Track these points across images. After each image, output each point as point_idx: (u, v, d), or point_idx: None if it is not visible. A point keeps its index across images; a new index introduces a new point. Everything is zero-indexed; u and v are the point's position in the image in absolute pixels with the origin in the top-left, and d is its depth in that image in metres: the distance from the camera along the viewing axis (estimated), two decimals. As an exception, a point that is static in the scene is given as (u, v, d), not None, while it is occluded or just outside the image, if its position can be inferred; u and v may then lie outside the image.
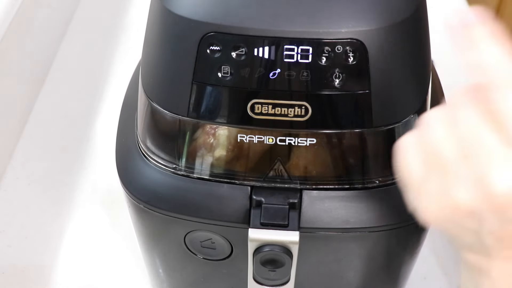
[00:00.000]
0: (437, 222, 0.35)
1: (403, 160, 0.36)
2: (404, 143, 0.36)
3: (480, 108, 0.32)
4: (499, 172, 0.31)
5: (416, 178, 0.36)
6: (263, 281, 0.52)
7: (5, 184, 0.78)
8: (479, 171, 0.32)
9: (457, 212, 0.33)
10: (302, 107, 0.43)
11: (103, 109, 0.89)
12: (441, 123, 0.34)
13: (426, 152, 0.34)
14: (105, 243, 0.71)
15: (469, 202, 0.32)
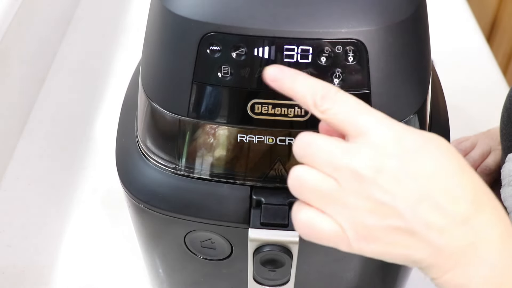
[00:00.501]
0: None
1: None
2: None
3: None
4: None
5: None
6: (263, 281, 0.52)
7: (5, 184, 0.78)
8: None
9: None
10: (302, 107, 0.43)
11: (103, 109, 0.89)
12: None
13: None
14: (105, 243, 0.71)
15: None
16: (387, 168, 0.34)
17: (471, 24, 1.08)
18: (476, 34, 1.06)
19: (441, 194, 0.35)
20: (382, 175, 0.34)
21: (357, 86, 0.42)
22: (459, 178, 0.35)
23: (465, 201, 0.35)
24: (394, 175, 0.34)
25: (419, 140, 0.35)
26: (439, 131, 0.52)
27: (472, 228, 0.35)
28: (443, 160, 0.35)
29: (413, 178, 0.34)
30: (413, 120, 0.46)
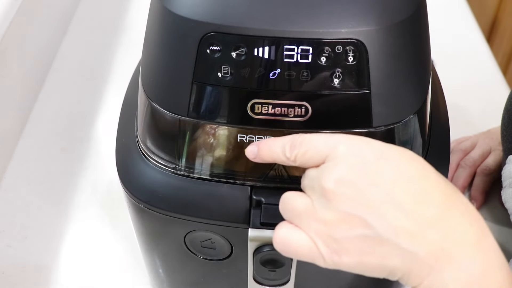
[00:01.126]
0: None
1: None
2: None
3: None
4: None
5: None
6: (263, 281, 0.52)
7: (5, 184, 0.78)
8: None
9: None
10: (302, 107, 0.43)
11: (103, 109, 0.89)
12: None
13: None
14: (105, 243, 0.71)
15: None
16: (349, 180, 0.36)
17: (471, 24, 1.08)
18: (476, 34, 1.06)
19: (405, 199, 0.35)
20: (345, 187, 0.36)
21: (357, 86, 0.42)
22: (423, 182, 0.36)
23: (431, 205, 0.35)
24: (357, 185, 0.36)
25: (378, 150, 0.37)
26: (439, 131, 0.52)
27: (442, 231, 0.35)
28: (405, 166, 0.36)
29: (375, 186, 0.35)
30: (413, 120, 0.46)
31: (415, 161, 0.37)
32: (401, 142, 0.46)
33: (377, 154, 0.36)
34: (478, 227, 0.36)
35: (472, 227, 0.36)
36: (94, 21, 1.07)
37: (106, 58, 0.98)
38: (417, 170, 0.36)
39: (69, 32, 1.04)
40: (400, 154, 0.37)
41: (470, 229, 0.36)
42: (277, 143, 0.41)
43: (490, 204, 0.75)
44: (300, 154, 0.39)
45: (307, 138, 0.39)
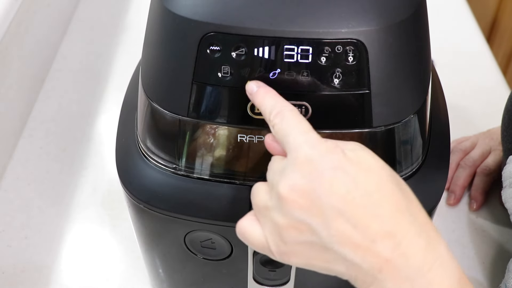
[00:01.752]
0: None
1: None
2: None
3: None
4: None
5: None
6: (263, 281, 0.52)
7: (5, 184, 0.78)
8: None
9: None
10: (302, 107, 0.43)
11: (103, 109, 0.89)
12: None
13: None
14: (105, 243, 0.71)
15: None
16: (301, 188, 0.36)
17: (471, 24, 1.08)
18: (476, 34, 1.06)
19: (355, 211, 0.36)
20: (297, 195, 0.36)
21: (357, 86, 0.42)
22: (376, 195, 0.36)
23: (380, 219, 0.36)
24: (308, 195, 0.36)
25: (337, 160, 0.37)
26: (439, 131, 0.52)
27: (388, 245, 0.36)
28: (361, 178, 0.36)
29: (327, 196, 0.36)
30: (413, 120, 0.46)
31: (373, 172, 0.37)
32: (401, 142, 0.46)
33: (334, 164, 0.36)
34: (427, 238, 0.37)
35: (420, 238, 0.36)
36: (94, 21, 1.07)
37: (106, 58, 0.98)
38: (373, 182, 0.36)
39: (69, 32, 1.04)
40: (359, 164, 0.37)
41: (418, 241, 0.36)
42: (273, 99, 0.40)
43: (490, 204, 0.75)
44: (277, 128, 0.39)
45: (290, 118, 0.39)
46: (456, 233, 0.72)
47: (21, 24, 0.82)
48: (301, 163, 0.37)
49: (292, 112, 0.39)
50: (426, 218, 0.38)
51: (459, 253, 0.70)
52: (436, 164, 0.49)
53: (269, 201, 0.38)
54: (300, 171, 0.37)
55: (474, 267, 0.68)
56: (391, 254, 0.36)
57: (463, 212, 0.75)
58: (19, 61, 0.83)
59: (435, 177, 0.49)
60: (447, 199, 0.75)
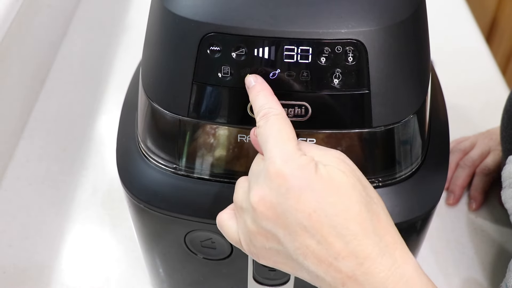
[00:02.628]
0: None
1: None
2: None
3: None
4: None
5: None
6: (263, 280, 0.52)
7: (5, 184, 0.78)
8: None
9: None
10: (302, 107, 0.43)
11: (103, 109, 0.89)
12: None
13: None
14: (105, 243, 0.71)
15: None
16: (270, 201, 0.37)
17: (471, 24, 1.08)
18: (475, 34, 1.06)
19: (320, 229, 0.36)
20: (265, 207, 0.37)
21: (357, 86, 0.42)
22: (342, 214, 0.37)
23: (344, 238, 0.36)
24: (275, 209, 0.37)
25: (307, 177, 0.37)
26: (438, 131, 0.52)
27: (351, 263, 0.36)
28: (328, 197, 0.37)
29: (292, 212, 0.37)
30: (413, 120, 0.46)
31: (342, 192, 0.37)
32: (400, 142, 0.46)
33: (303, 182, 0.37)
34: (391, 258, 0.37)
35: (384, 258, 0.37)
36: (94, 21, 1.07)
37: (106, 58, 0.98)
38: (340, 203, 0.37)
39: (69, 32, 1.04)
40: (329, 182, 0.37)
41: (382, 261, 0.37)
42: (266, 98, 0.41)
43: (489, 204, 0.75)
44: (260, 130, 0.40)
45: (274, 123, 0.39)
46: (456, 233, 0.72)
47: (21, 25, 0.82)
48: (272, 176, 0.37)
49: (277, 117, 0.39)
50: (394, 237, 0.38)
51: (459, 253, 0.70)
52: (435, 164, 0.50)
53: (244, 203, 0.40)
54: (270, 183, 0.37)
55: (474, 267, 0.69)
56: (354, 272, 0.36)
57: (463, 212, 0.75)
58: (19, 61, 0.83)
59: (435, 177, 0.49)
60: (446, 199, 0.76)
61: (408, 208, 0.47)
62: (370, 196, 0.38)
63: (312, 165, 0.38)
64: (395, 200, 0.47)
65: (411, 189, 0.48)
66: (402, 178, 0.47)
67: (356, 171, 0.39)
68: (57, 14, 1.00)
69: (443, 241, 0.71)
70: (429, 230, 0.52)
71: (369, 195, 0.38)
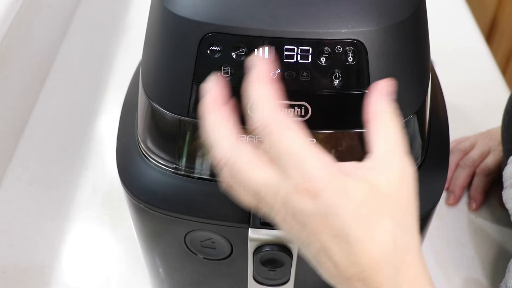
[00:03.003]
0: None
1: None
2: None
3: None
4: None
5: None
6: (263, 281, 0.52)
7: (5, 184, 0.78)
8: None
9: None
10: (302, 107, 0.43)
11: (103, 109, 0.89)
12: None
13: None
14: (105, 243, 0.71)
15: None
16: (299, 210, 0.36)
17: (471, 24, 1.08)
18: (475, 34, 1.06)
19: (338, 254, 0.36)
20: (292, 213, 0.36)
21: (357, 86, 0.42)
22: (362, 245, 0.35)
23: (359, 267, 0.36)
24: (301, 219, 0.36)
25: (336, 198, 0.35)
26: (438, 131, 0.52)
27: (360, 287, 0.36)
28: (354, 223, 0.35)
29: (315, 232, 0.36)
30: (413, 120, 0.46)
31: (370, 218, 0.36)
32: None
33: (331, 206, 0.35)
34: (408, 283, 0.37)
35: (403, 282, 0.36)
36: (94, 21, 1.07)
37: (106, 58, 0.98)
38: (366, 229, 0.35)
39: (69, 32, 1.04)
40: (358, 207, 0.35)
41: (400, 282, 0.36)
42: (258, 91, 0.38)
43: (489, 204, 0.75)
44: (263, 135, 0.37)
45: (282, 145, 0.36)
46: (456, 233, 0.72)
47: (21, 25, 0.82)
48: (298, 190, 0.35)
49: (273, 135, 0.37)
50: (416, 273, 0.37)
51: (459, 253, 0.70)
52: (435, 164, 0.50)
53: (275, 179, 0.36)
54: (299, 193, 0.35)
55: (474, 267, 0.69)
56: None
57: (463, 212, 0.75)
58: (19, 61, 0.83)
59: (435, 177, 0.49)
60: (446, 199, 0.76)
61: (408, 208, 0.47)
62: (405, 226, 0.37)
63: (348, 182, 0.36)
64: (395, 200, 0.47)
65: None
66: (402, 178, 0.47)
67: (406, 192, 0.37)
68: (57, 14, 1.00)
69: (443, 241, 0.71)
70: (429, 230, 0.52)
71: (404, 224, 0.36)
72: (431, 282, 0.37)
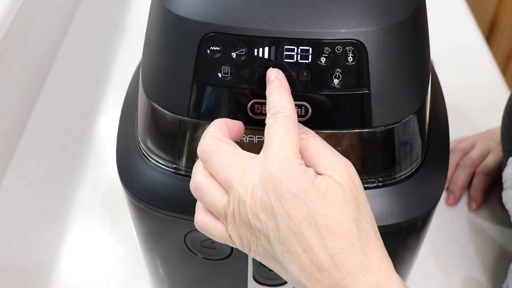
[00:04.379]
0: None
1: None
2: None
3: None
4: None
5: None
6: (263, 280, 0.52)
7: (5, 184, 0.78)
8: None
9: None
10: (302, 107, 0.43)
11: (103, 109, 0.89)
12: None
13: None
14: (105, 243, 0.71)
15: None
16: (264, 201, 0.37)
17: (471, 24, 1.08)
18: (475, 34, 1.06)
19: (307, 239, 0.37)
20: (260, 205, 0.37)
21: (357, 86, 0.42)
22: (330, 229, 0.37)
23: (329, 252, 0.37)
24: (268, 209, 0.37)
25: (302, 188, 0.37)
26: (438, 131, 0.52)
27: (331, 278, 0.37)
28: (321, 210, 0.37)
29: (282, 217, 0.37)
30: (413, 120, 0.46)
31: (335, 206, 0.37)
32: (400, 142, 0.46)
33: (297, 191, 0.37)
34: (375, 276, 0.37)
35: (367, 275, 0.37)
36: (94, 21, 1.07)
37: (106, 58, 0.98)
38: (331, 216, 0.37)
39: (69, 32, 1.04)
40: (325, 195, 0.37)
41: (363, 278, 0.37)
42: (280, 96, 0.40)
43: (489, 204, 0.75)
44: (265, 128, 0.40)
45: (280, 125, 0.39)
46: (456, 232, 0.72)
47: (21, 25, 0.82)
48: (270, 177, 0.37)
49: (285, 119, 0.39)
50: (381, 257, 0.38)
51: (459, 253, 0.70)
52: (435, 164, 0.50)
53: (227, 205, 0.39)
54: (266, 184, 0.37)
55: (474, 267, 0.69)
56: (335, 285, 0.37)
57: (463, 212, 0.75)
58: (19, 61, 0.83)
59: (435, 177, 0.49)
60: (446, 199, 0.76)
61: (408, 208, 0.47)
62: (362, 215, 0.38)
63: (311, 175, 0.38)
64: (395, 200, 0.47)
65: (411, 189, 0.48)
66: (402, 178, 0.48)
67: (358, 186, 0.39)
68: (57, 14, 1.00)
69: (443, 241, 0.71)
70: (429, 230, 0.52)
71: (362, 213, 0.38)
72: (392, 265, 0.39)
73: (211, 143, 0.40)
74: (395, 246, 0.51)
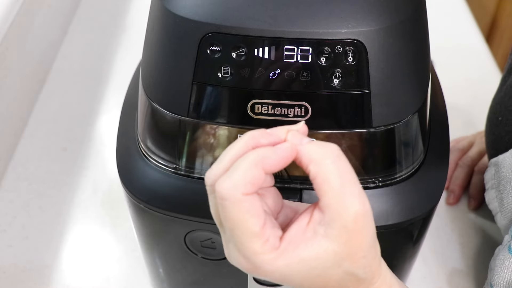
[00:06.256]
0: None
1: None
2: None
3: None
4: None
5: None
6: (263, 281, 0.52)
7: (6, 184, 0.78)
8: None
9: None
10: (302, 107, 0.43)
11: (103, 109, 0.89)
12: None
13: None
14: (105, 243, 0.71)
15: None
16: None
17: (471, 24, 1.08)
18: (475, 34, 1.06)
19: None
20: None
21: (357, 86, 0.42)
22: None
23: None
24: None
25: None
26: (438, 131, 0.52)
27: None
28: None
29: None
30: (413, 120, 0.46)
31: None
32: (400, 142, 0.46)
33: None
34: None
35: None
36: (94, 21, 1.07)
37: (106, 58, 0.98)
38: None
39: (70, 32, 1.04)
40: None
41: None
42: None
43: (489, 204, 0.75)
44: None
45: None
46: (456, 232, 0.72)
47: (21, 25, 0.82)
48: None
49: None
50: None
51: (459, 253, 0.70)
52: (435, 164, 0.50)
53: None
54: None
55: (474, 267, 0.69)
56: None
57: (463, 212, 0.75)
58: (19, 61, 0.83)
59: (435, 176, 0.49)
60: (446, 199, 0.76)
61: (408, 208, 0.47)
62: (350, 274, 0.37)
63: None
64: (395, 200, 0.47)
65: (411, 189, 0.48)
66: (402, 178, 0.48)
67: (358, 233, 0.36)
68: (57, 14, 1.00)
69: (443, 241, 0.71)
70: (429, 230, 0.52)
71: (349, 273, 0.37)
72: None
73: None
74: (395, 246, 0.51)
